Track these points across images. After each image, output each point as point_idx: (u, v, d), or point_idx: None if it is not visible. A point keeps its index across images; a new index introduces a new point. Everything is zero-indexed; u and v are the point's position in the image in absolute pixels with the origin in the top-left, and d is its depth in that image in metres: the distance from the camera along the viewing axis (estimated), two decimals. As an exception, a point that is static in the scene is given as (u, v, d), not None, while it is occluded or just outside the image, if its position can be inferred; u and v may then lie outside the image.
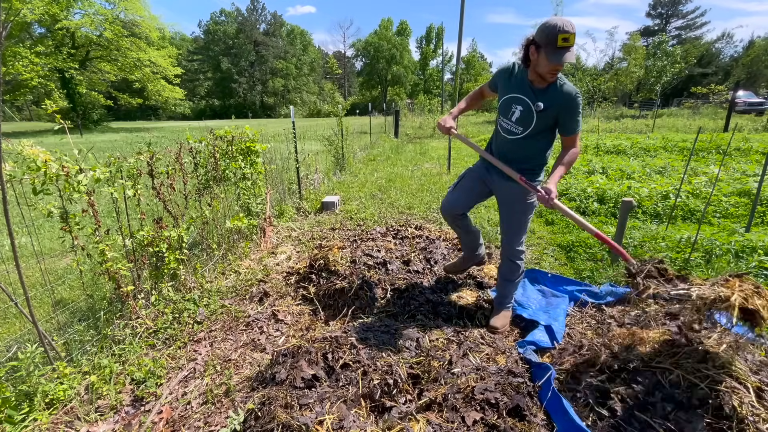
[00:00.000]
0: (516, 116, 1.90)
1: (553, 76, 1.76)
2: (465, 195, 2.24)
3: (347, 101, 54.47)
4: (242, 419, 1.56)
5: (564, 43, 1.62)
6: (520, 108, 1.88)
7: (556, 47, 1.63)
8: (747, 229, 3.32)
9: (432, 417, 1.50)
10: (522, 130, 1.91)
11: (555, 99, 1.81)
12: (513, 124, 1.92)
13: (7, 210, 1.48)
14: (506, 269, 2.21)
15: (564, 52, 1.64)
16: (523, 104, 1.86)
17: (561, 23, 1.62)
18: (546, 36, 1.64)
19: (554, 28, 1.61)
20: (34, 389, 1.65)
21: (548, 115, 1.84)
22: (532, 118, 1.86)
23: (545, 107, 1.81)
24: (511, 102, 1.90)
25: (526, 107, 1.86)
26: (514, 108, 1.90)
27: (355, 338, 2.00)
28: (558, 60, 1.64)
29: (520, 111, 1.88)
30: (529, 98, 1.84)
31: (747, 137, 9.56)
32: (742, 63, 35.37)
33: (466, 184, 2.23)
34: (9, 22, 17.60)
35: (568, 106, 1.81)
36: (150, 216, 2.47)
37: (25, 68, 18.43)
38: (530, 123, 1.87)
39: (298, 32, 56.82)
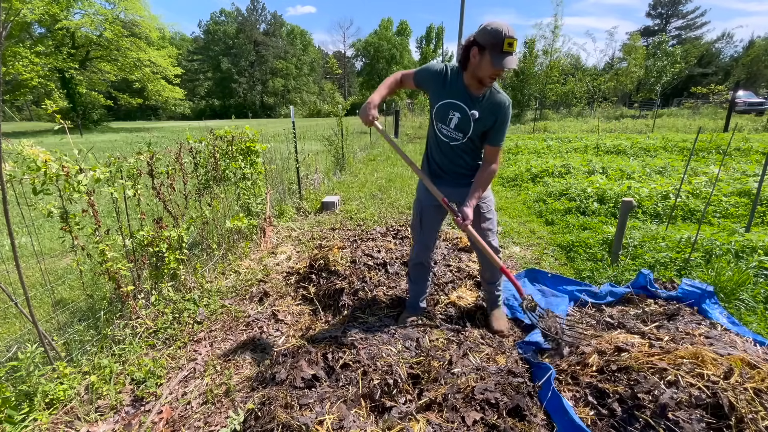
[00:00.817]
0: (454, 123, 1.86)
1: (492, 81, 1.73)
2: (433, 231, 2.18)
3: (347, 101, 54.45)
4: (242, 419, 1.56)
5: (509, 48, 1.59)
6: (457, 114, 1.84)
7: (501, 51, 1.60)
8: (747, 229, 3.32)
9: (432, 417, 1.50)
10: (462, 136, 1.88)
11: (488, 107, 1.80)
12: (452, 131, 1.89)
13: (7, 210, 1.48)
14: (489, 272, 2.17)
15: (507, 57, 1.61)
16: (460, 111, 1.83)
17: (506, 28, 1.58)
18: (492, 38, 1.59)
19: (500, 32, 1.57)
20: (34, 389, 1.65)
21: (482, 123, 1.83)
22: (470, 125, 1.83)
23: (479, 116, 1.80)
24: (448, 108, 1.85)
25: (463, 114, 1.82)
26: (451, 114, 1.85)
27: (355, 338, 2.00)
28: (501, 65, 1.60)
29: (458, 117, 1.84)
30: (466, 105, 1.81)
31: (747, 137, 9.56)
32: (742, 63, 35.37)
33: (429, 220, 2.13)
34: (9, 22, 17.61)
35: (500, 115, 1.80)
36: (150, 216, 2.47)
37: (25, 68, 18.44)
38: (468, 129, 1.85)
39: (298, 32, 56.84)
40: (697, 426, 1.27)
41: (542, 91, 24.71)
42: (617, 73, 27.14)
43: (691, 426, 1.28)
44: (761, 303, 2.37)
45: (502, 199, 5.43)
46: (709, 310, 2.15)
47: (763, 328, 2.15)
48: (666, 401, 1.35)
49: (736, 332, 1.96)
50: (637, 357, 1.60)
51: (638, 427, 1.35)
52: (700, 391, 1.37)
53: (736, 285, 2.45)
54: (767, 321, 2.21)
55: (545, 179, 6.01)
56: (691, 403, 1.34)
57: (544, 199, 5.02)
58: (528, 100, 25.19)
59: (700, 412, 1.32)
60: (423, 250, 2.19)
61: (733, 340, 1.84)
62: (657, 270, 2.85)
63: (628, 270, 2.85)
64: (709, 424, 1.28)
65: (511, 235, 3.85)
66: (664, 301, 2.30)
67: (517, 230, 4.00)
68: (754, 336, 1.96)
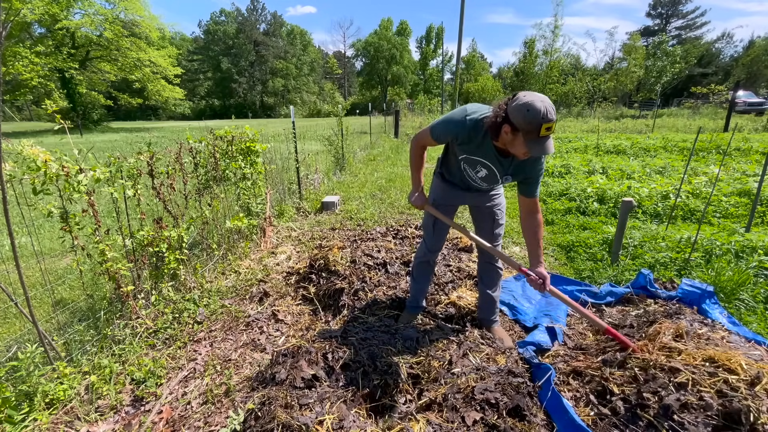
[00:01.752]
0: (481, 175, 1.76)
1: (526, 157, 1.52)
2: (444, 232, 2.13)
3: (347, 101, 54.47)
4: (242, 419, 1.56)
5: (546, 132, 1.37)
6: (485, 171, 1.73)
7: (538, 136, 1.37)
8: (747, 229, 3.32)
9: (432, 417, 1.50)
10: (487, 185, 1.84)
11: (522, 165, 1.66)
12: (478, 179, 1.80)
13: (7, 210, 1.48)
14: (488, 276, 2.13)
15: (545, 142, 1.40)
16: (488, 169, 1.71)
17: (545, 109, 1.34)
18: (527, 122, 1.37)
19: (538, 116, 1.34)
20: (34, 389, 1.65)
21: (515, 179, 1.73)
22: (498, 181, 1.76)
23: (513, 176, 1.70)
24: (476, 163, 1.72)
25: (491, 172, 1.72)
26: (479, 168, 1.73)
27: (355, 338, 2.00)
28: (538, 151, 1.40)
29: (486, 174, 1.74)
30: (495, 168, 1.68)
31: (747, 137, 9.56)
32: (742, 63, 35.36)
33: (444, 223, 2.07)
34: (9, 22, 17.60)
35: (535, 170, 1.67)
36: (150, 216, 2.47)
37: (25, 68, 18.43)
38: (496, 182, 1.79)
39: (298, 32, 56.82)
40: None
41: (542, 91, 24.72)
42: (617, 73, 27.16)
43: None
44: (761, 303, 2.37)
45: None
46: (709, 310, 2.15)
47: (763, 328, 2.16)
48: (671, 402, 1.35)
49: (736, 332, 1.96)
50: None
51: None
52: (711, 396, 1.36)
53: (736, 285, 2.45)
54: (767, 321, 2.21)
55: (545, 179, 6.01)
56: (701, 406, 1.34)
57: (544, 199, 5.02)
58: (528, 100, 25.13)
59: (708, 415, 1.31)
60: (432, 250, 2.19)
61: (734, 339, 1.84)
62: (657, 270, 2.85)
63: (628, 270, 2.85)
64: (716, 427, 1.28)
65: (511, 235, 3.85)
66: (664, 301, 2.30)
67: (517, 230, 3.99)
68: (754, 336, 1.96)
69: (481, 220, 2.05)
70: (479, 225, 2.08)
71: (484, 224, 2.04)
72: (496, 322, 2.21)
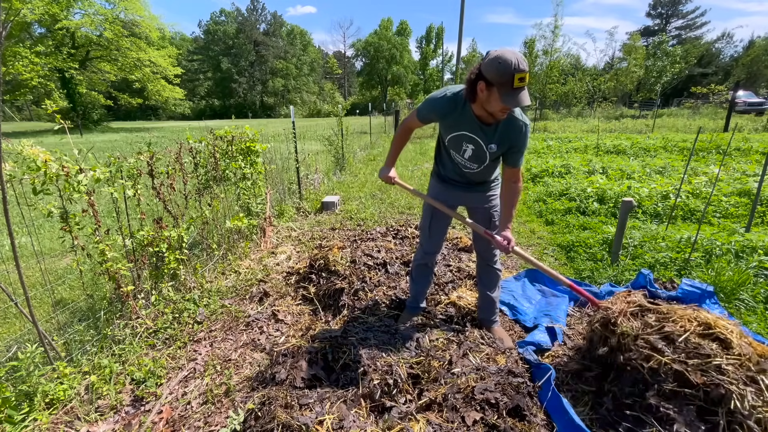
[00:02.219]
0: (468, 154, 1.78)
1: (504, 115, 1.57)
2: (442, 233, 2.13)
3: (347, 101, 54.49)
4: (242, 419, 1.56)
5: (520, 83, 1.41)
6: (471, 146, 1.74)
7: (511, 88, 1.42)
8: (747, 229, 3.32)
9: (432, 417, 1.50)
10: (477, 166, 1.82)
11: (505, 134, 1.68)
12: (466, 161, 1.81)
13: (7, 210, 1.48)
14: (487, 278, 2.13)
15: (520, 93, 1.43)
16: (474, 143, 1.73)
17: (516, 60, 1.39)
18: (500, 75, 1.41)
19: (509, 66, 1.38)
20: (34, 389, 1.65)
21: (500, 151, 1.74)
22: (485, 156, 1.76)
23: (498, 146, 1.70)
24: (461, 140, 1.75)
25: (477, 146, 1.73)
26: (465, 146, 1.76)
27: (355, 338, 2.00)
28: (513, 102, 1.44)
29: (472, 150, 1.75)
30: (480, 138, 1.70)
31: (747, 137, 9.56)
32: (742, 63, 35.35)
33: (440, 222, 2.09)
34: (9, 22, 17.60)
35: (519, 142, 1.69)
36: (150, 216, 2.47)
37: (25, 68, 18.43)
38: (484, 159, 1.78)
39: (298, 32, 56.83)
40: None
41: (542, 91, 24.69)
42: (617, 73, 27.15)
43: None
44: (761, 303, 2.37)
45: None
46: (709, 310, 2.14)
47: (763, 328, 2.16)
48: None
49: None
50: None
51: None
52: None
53: (736, 285, 2.45)
54: (767, 321, 2.21)
55: (545, 179, 6.01)
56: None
57: (544, 199, 5.02)
58: (528, 100, 25.13)
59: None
60: (429, 253, 2.18)
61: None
62: (657, 270, 2.85)
63: (628, 270, 2.85)
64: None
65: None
66: (664, 301, 2.30)
67: (517, 230, 3.99)
68: (754, 336, 1.96)
69: (479, 222, 2.04)
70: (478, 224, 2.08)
71: (482, 226, 2.04)
72: (496, 323, 2.21)
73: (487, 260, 2.10)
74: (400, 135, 2.02)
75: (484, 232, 1.85)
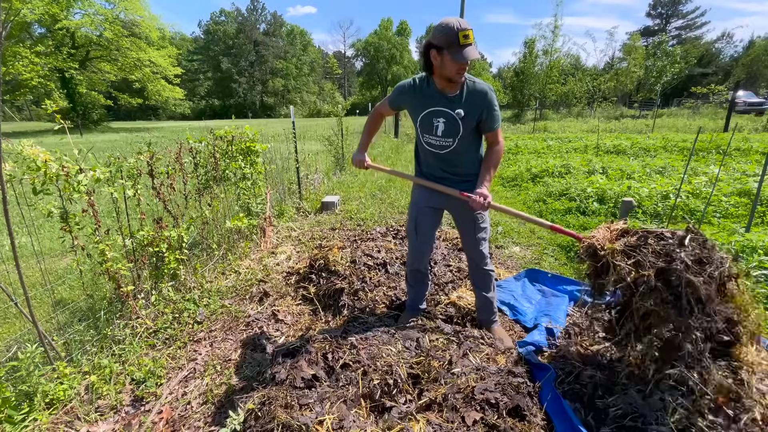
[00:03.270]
0: (441, 129, 1.82)
1: (461, 76, 1.69)
2: (429, 236, 2.12)
3: (347, 101, 54.48)
4: (242, 419, 1.56)
5: (465, 40, 1.58)
6: (442, 120, 1.80)
7: (458, 45, 1.59)
8: (747, 229, 3.32)
9: (432, 417, 1.50)
10: (452, 141, 1.83)
11: (471, 101, 1.76)
12: (440, 138, 1.84)
13: (7, 210, 1.48)
14: (480, 280, 2.13)
15: (467, 49, 1.60)
16: (444, 115, 1.79)
17: (457, 22, 1.59)
18: (446, 36, 1.59)
19: (453, 28, 1.58)
20: (34, 389, 1.65)
21: (472, 119, 1.78)
22: (458, 127, 1.79)
23: (466, 113, 1.76)
24: (431, 117, 1.82)
25: (447, 117, 1.79)
26: (435, 122, 1.81)
27: (355, 338, 2.00)
28: (463, 58, 1.59)
29: (444, 123, 1.80)
30: (448, 108, 1.77)
31: (747, 137, 9.56)
32: (742, 63, 35.37)
33: (425, 224, 2.09)
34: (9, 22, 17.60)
35: (487, 104, 1.76)
36: (150, 216, 2.47)
37: (25, 68, 18.45)
38: (458, 132, 1.80)
39: (298, 32, 56.86)
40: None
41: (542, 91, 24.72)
42: (617, 73, 27.17)
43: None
44: (761, 303, 2.37)
45: (502, 199, 5.43)
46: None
47: (763, 328, 2.15)
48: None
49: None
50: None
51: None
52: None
53: (736, 285, 2.45)
54: (767, 321, 2.21)
55: (545, 179, 6.01)
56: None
57: (544, 199, 5.02)
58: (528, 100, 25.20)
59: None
60: (419, 257, 2.16)
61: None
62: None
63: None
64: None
65: (511, 235, 3.85)
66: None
67: (517, 230, 4.00)
68: (754, 336, 1.95)
69: (464, 224, 2.04)
70: (462, 229, 2.08)
71: (467, 228, 2.03)
72: (495, 322, 2.20)
73: (477, 262, 2.09)
74: (371, 121, 2.13)
75: (459, 193, 1.87)
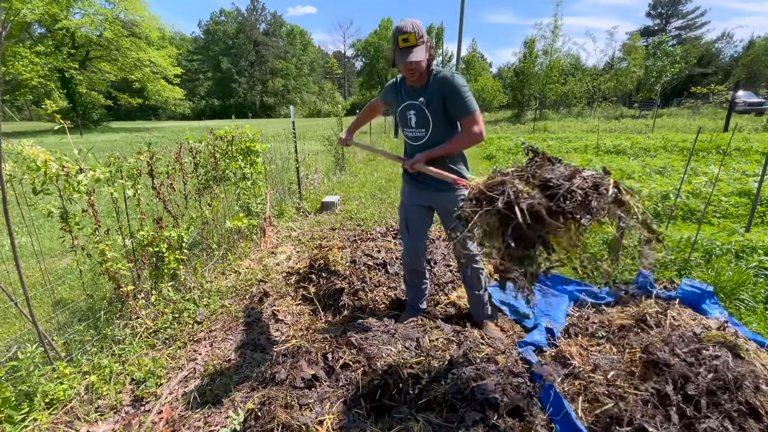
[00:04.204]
0: (414, 121, 1.92)
1: (413, 74, 1.77)
2: (420, 234, 2.15)
3: (347, 101, 54.49)
4: (242, 419, 1.56)
5: (404, 43, 1.67)
6: (413, 111, 1.91)
7: (399, 48, 1.69)
8: (747, 229, 3.32)
9: (432, 417, 1.50)
10: (425, 131, 1.91)
11: (433, 89, 1.81)
12: (415, 129, 1.94)
13: (7, 210, 1.48)
14: (469, 277, 2.14)
15: (406, 51, 1.68)
16: (413, 107, 1.89)
17: (401, 24, 1.67)
18: (392, 39, 1.71)
19: (396, 31, 1.68)
20: (34, 389, 1.65)
21: (437, 106, 1.83)
22: (426, 116, 1.87)
23: (428, 100, 1.83)
24: (405, 110, 1.94)
25: (416, 108, 1.88)
26: (409, 115, 1.93)
27: (355, 338, 2.00)
28: (402, 59, 1.68)
29: (414, 114, 1.91)
30: (414, 99, 1.87)
31: (747, 137, 9.56)
32: (742, 63, 35.36)
33: (415, 222, 2.12)
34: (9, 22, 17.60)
35: (448, 89, 1.79)
36: (150, 216, 2.47)
37: (25, 68, 18.45)
38: (427, 121, 1.87)
39: (297, 32, 56.86)
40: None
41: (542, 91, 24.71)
42: (617, 73, 27.15)
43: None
44: (761, 303, 2.37)
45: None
46: (709, 310, 2.15)
47: (763, 328, 2.16)
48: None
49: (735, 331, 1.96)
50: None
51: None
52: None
53: (736, 285, 2.45)
54: (767, 321, 2.21)
55: (545, 179, 6.00)
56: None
57: (544, 199, 5.00)
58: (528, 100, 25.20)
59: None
60: (413, 256, 2.18)
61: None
62: (657, 270, 2.85)
63: (628, 270, 2.85)
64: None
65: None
66: (664, 301, 2.30)
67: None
68: (754, 336, 1.96)
69: (449, 221, 2.04)
70: (447, 226, 2.09)
71: (451, 224, 2.02)
72: (488, 318, 2.22)
73: (466, 262, 2.10)
74: (364, 110, 2.36)
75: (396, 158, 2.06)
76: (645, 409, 1.39)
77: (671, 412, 1.33)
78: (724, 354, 1.47)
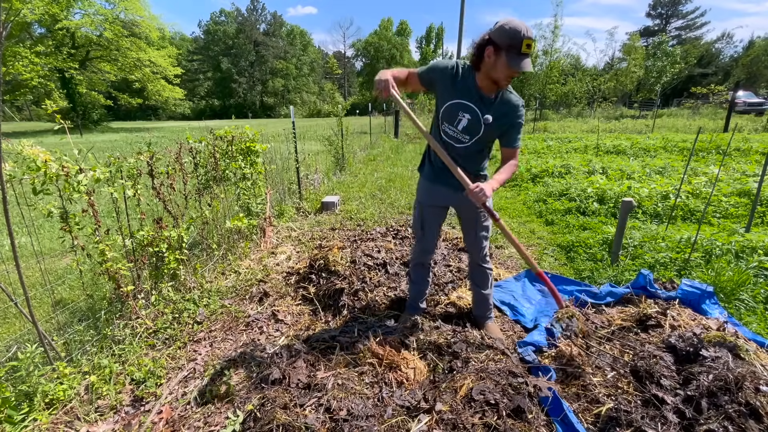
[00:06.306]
0: (463, 125, 1.77)
1: (509, 82, 1.67)
2: (435, 232, 2.14)
3: (347, 101, 54.45)
4: (241, 420, 1.56)
5: (527, 49, 1.54)
6: (467, 116, 1.75)
7: (519, 52, 1.54)
8: (747, 229, 3.32)
9: (431, 417, 1.50)
10: (469, 139, 1.80)
11: (502, 110, 1.73)
12: (459, 133, 1.80)
13: (7, 210, 1.48)
14: (479, 277, 2.15)
15: (525, 59, 1.56)
16: (470, 113, 1.74)
17: (525, 28, 1.52)
18: (510, 39, 1.52)
19: (519, 32, 1.51)
20: (34, 389, 1.65)
21: (495, 127, 1.76)
22: (480, 128, 1.76)
23: (493, 119, 1.73)
24: (458, 109, 1.76)
25: (474, 116, 1.74)
26: (460, 116, 1.77)
27: (356, 338, 2.00)
28: (519, 66, 1.55)
29: (468, 120, 1.76)
30: (477, 107, 1.73)
31: (747, 137, 9.56)
32: (742, 63, 35.35)
33: (432, 221, 2.09)
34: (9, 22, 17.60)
35: (515, 118, 1.74)
36: (150, 216, 2.47)
37: (25, 68, 18.43)
38: (478, 132, 1.77)
39: (297, 32, 56.87)
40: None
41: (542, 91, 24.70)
42: (617, 74, 27.15)
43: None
44: (761, 303, 2.37)
45: (502, 199, 5.43)
46: (709, 310, 2.15)
47: (763, 328, 2.16)
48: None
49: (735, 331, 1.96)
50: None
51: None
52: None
53: (736, 285, 2.45)
54: (767, 321, 2.21)
55: (545, 179, 6.01)
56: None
57: (544, 199, 5.02)
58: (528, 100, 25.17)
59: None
60: (424, 252, 2.19)
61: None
62: (657, 270, 2.85)
63: (628, 270, 2.85)
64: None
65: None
66: (664, 302, 2.30)
67: (517, 230, 4.00)
68: (754, 336, 1.96)
69: (467, 221, 2.05)
70: (465, 226, 2.09)
71: (470, 225, 2.04)
72: (490, 319, 2.24)
73: (477, 259, 2.12)
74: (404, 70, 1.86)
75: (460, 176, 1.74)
76: (645, 410, 1.39)
77: (666, 413, 1.33)
78: (724, 354, 1.47)
